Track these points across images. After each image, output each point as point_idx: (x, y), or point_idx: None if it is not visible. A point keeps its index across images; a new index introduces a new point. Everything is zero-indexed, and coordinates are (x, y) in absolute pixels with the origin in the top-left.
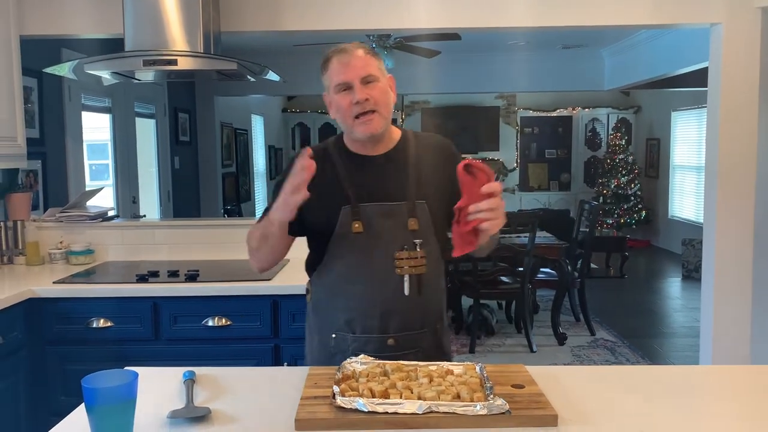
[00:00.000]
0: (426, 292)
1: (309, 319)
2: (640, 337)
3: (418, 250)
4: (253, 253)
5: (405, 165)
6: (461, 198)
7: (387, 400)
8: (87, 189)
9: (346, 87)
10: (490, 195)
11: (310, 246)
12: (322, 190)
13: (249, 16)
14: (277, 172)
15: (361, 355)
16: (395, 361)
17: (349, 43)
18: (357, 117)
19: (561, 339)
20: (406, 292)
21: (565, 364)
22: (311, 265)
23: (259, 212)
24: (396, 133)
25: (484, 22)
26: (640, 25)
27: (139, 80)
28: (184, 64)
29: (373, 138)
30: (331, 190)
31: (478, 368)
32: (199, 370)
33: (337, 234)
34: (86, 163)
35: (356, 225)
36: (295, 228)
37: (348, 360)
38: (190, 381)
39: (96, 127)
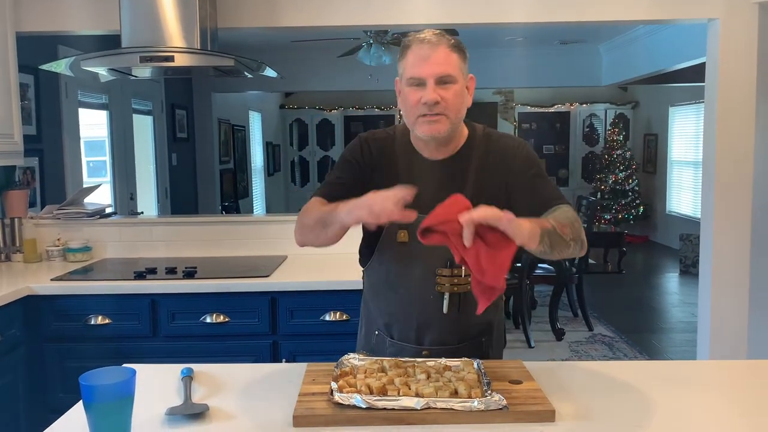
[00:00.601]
0: (467, 309)
1: (362, 307)
2: (638, 333)
3: (463, 268)
4: (304, 231)
5: (464, 173)
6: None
7: (385, 396)
8: (84, 186)
9: (420, 83)
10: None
11: (363, 237)
12: (381, 181)
13: (246, 12)
14: (276, 169)
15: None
16: (393, 358)
17: (434, 32)
18: (423, 115)
19: (559, 334)
20: (445, 310)
21: (562, 360)
22: (364, 257)
23: (257, 209)
24: (464, 134)
25: (482, 17)
26: (638, 20)
27: (135, 77)
28: (180, 60)
29: (436, 140)
30: (385, 185)
31: (475, 364)
32: (196, 367)
33: (383, 240)
34: (84, 160)
35: (402, 234)
36: None
37: (345, 356)
38: (187, 378)
39: (93, 124)
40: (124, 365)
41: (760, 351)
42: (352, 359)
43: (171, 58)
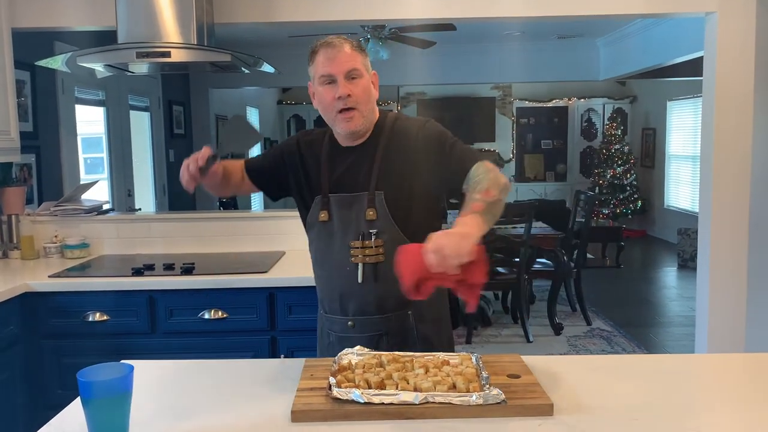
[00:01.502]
0: (384, 279)
1: None
2: (636, 327)
3: (373, 240)
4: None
5: (372, 156)
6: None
7: (383, 391)
8: (81, 183)
9: (330, 80)
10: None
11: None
12: (306, 178)
13: (242, 7)
14: None
15: (357, 347)
16: (391, 352)
17: (337, 36)
18: (340, 112)
19: (557, 329)
20: (360, 280)
21: (561, 354)
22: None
23: (255, 205)
24: (374, 123)
25: (478, 12)
26: (636, 14)
27: (132, 73)
28: (177, 56)
29: (354, 134)
30: (311, 180)
31: (473, 358)
32: (195, 363)
33: (309, 222)
34: (81, 156)
35: (323, 215)
36: (267, 179)
37: (344, 351)
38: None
39: (91, 121)
40: (122, 361)
41: (757, 344)
42: (350, 354)
43: (168, 54)
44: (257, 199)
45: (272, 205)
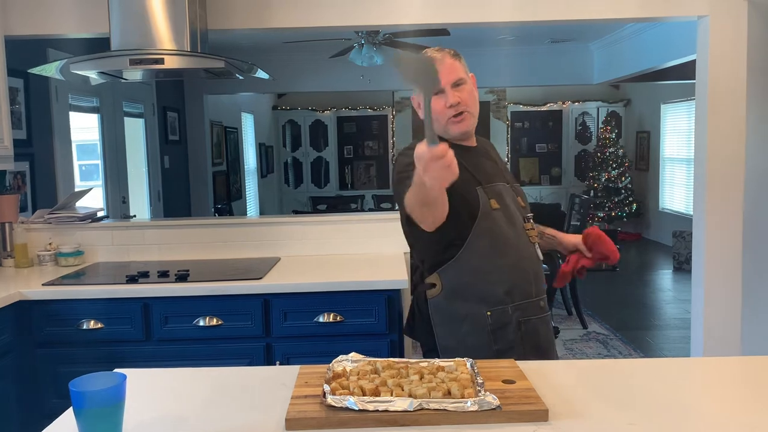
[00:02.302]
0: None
1: (439, 313)
2: (632, 330)
3: (532, 221)
4: (421, 219)
5: (487, 152)
6: (591, 252)
7: (378, 398)
8: (76, 190)
9: (439, 92)
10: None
11: (442, 232)
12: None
13: (236, 13)
14: (269, 170)
15: (352, 353)
16: (386, 359)
17: (436, 49)
18: (451, 117)
19: (553, 333)
20: (540, 256)
21: (557, 358)
22: (442, 254)
23: (250, 211)
24: None
25: (472, 17)
26: (628, 18)
27: (126, 80)
28: (171, 63)
29: (467, 134)
30: (460, 174)
31: (468, 364)
32: (189, 371)
33: (482, 212)
34: (75, 163)
35: (493, 202)
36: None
37: (338, 358)
38: None
39: (85, 128)
40: (116, 370)
41: (753, 346)
42: (344, 361)
43: (161, 61)
44: (252, 204)
45: (267, 211)
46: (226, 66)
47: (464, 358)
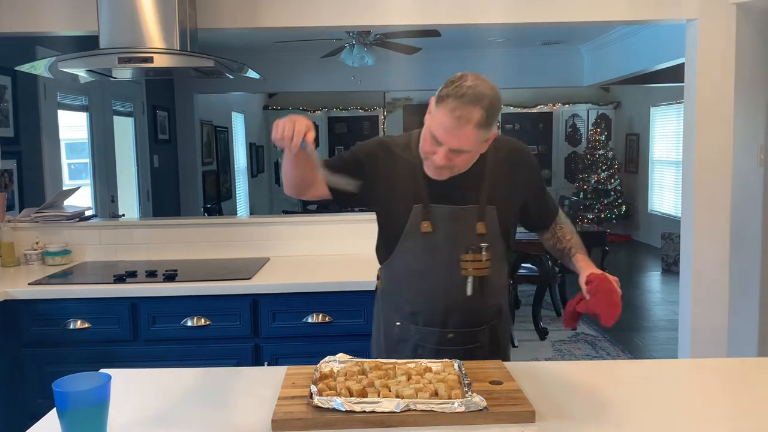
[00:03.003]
0: (487, 291)
1: (377, 305)
2: (621, 331)
3: (483, 253)
4: (287, 183)
5: (481, 170)
6: (593, 297)
7: (365, 399)
8: (64, 188)
9: (438, 141)
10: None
11: (380, 234)
12: (398, 184)
13: (226, 12)
14: (259, 170)
15: (339, 354)
16: (373, 360)
17: (473, 97)
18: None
19: (542, 334)
20: (468, 292)
21: (546, 359)
22: (382, 254)
23: (240, 211)
24: None
25: (462, 18)
26: (616, 21)
27: (115, 78)
28: (160, 61)
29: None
30: (406, 187)
31: (456, 365)
32: (175, 371)
33: (407, 231)
34: (65, 162)
35: (425, 224)
36: (343, 196)
37: (326, 359)
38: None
39: (75, 126)
40: (102, 370)
41: (739, 348)
42: (332, 362)
43: (150, 59)
44: (243, 204)
45: (257, 211)
46: (215, 65)
47: (452, 359)
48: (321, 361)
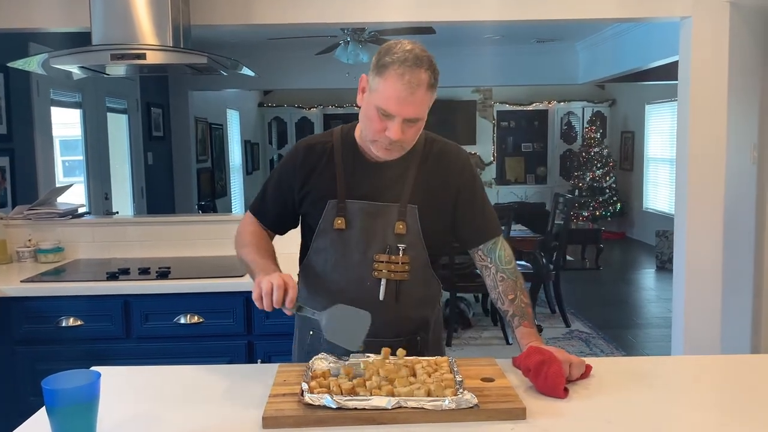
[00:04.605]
0: (404, 300)
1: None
2: (615, 329)
3: (401, 255)
4: (237, 253)
5: (407, 168)
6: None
7: (356, 396)
8: (57, 185)
9: (388, 115)
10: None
11: (301, 236)
12: (318, 181)
13: (219, 9)
14: (254, 167)
15: (321, 354)
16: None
17: (417, 59)
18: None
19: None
20: (381, 297)
21: None
22: (300, 257)
23: (235, 209)
24: None
25: (456, 15)
26: (610, 18)
27: (108, 75)
28: (152, 58)
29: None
30: (324, 182)
31: (451, 359)
32: (166, 369)
33: (320, 228)
34: (59, 159)
35: (338, 221)
36: (288, 224)
37: (318, 356)
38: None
39: (69, 123)
40: (93, 368)
41: (732, 344)
42: (323, 360)
43: (143, 56)
44: (238, 201)
45: None
46: (208, 62)
47: (445, 356)
48: (313, 358)
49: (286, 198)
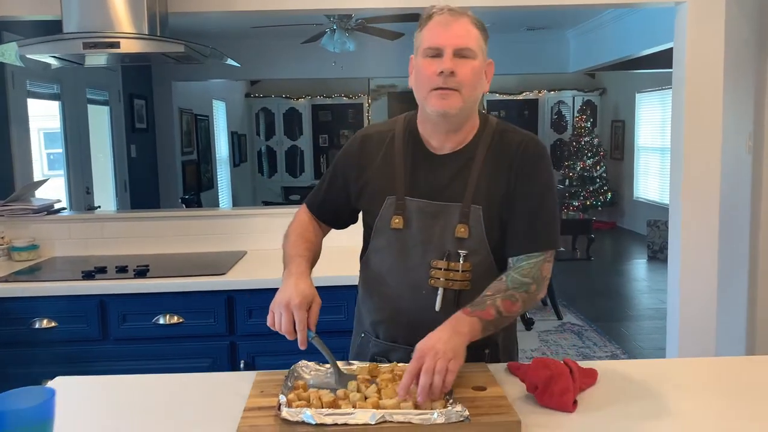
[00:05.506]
0: None
1: (355, 311)
2: (607, 321)
3: (461, 262)
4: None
5: (470, 162)
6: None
7: (337, 411)
8: (35, 180)
9: (437, 53)
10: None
11: (363, 230)
12: (376, 175)
13: None
14: (242, 159)
15: (303, 362)
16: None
17: (457, 9)
18: (436, 89)
19: (528, 324)
20: (437, 308)
21: (532, 350)
22: (361, 252)
23: (222, 201)
24: (475, 125)
25: (443, 0)
26: (603, 4)
27: (83, 65)
28: (127, 46)
29: (447, 117)
30: (383, 177)
31: None
32: (134, 378)
33: (377, 226)
34: (44, 152)
35: (396, 220)
36: (345, 218)
37: (299, 364)
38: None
39: (53, 115)
40: (48, 384)
41: (728, 338)
42: (304, 368)
43: (117, 45)
44: (225, 193)
45: (241, 200)
46: (186, 50)
47: None
48: (293, 366)
49: (341, 191)
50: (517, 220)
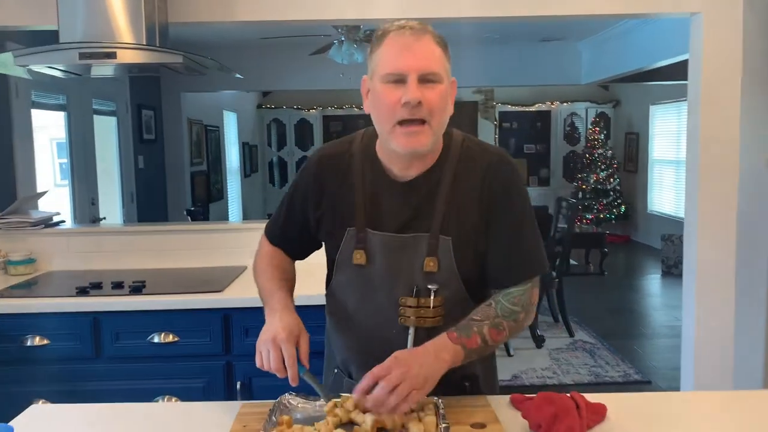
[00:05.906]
0: None
1: (324, 341)
2: (620, 339)
3: (431, 298)
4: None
5: (436, 189)
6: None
7: None
8: (37, 192)
9: (398, 79)
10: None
11: (327, 260)
12: (334, 203)
13: (199, 5)
14: (252, 170)
15: (288, 394)
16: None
17: (415, 26)
18: (401, 123)
19: (539, 342)
20: (409, 346)
21: (543, 369)
22: (326, 282)
23: (232, 212)
24: (439, 146)
25: (453, 12)
26: (616, 15)
27: (84, 75)
28: (123, 57)
29: (415, 155)
30: (342, 205)
31: (439, 402)
32: (109, 408)
33: (339, 260)
34: (56, 161)
35: (358, 255)
36: (307, 249)
37: (284, 396)
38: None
39: (60, 125)
40: (10, 423)
41: (746, 359)
42: (291, 401)
43: (113, 55)
44: (235, 204)
45: (251, 211)
46: (185, 61)
47: (433, 397)
48: (279, 398)
49: (301, 220)
50: (498, 254)
